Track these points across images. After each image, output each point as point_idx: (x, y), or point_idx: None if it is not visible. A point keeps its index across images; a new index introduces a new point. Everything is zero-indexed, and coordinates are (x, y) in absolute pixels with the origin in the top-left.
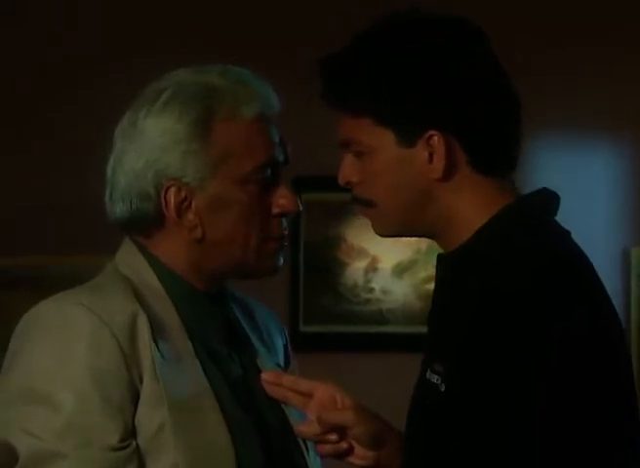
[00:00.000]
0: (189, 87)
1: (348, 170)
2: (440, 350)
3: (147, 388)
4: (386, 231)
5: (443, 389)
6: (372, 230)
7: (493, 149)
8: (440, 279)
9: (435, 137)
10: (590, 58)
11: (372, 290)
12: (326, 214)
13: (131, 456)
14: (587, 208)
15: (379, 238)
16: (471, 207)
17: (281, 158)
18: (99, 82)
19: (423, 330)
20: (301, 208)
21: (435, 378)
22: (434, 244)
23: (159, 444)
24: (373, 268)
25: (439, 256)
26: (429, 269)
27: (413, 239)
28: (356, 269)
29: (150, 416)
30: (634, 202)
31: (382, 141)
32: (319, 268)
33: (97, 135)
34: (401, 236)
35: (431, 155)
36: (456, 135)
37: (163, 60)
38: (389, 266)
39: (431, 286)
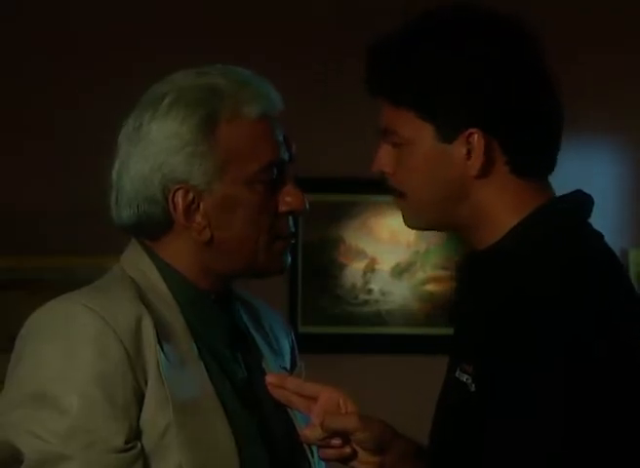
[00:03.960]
0: (192, 89)
1: (384, 159)
2: (471, 350)
3: (152, 390)
4: (416, 224)
5: (473, 389)
6: (370, 232)
7: (533, 153)
8: (469, 278)
9: (475, 135)
10: (590, 60)
11: (370, 291)
12: (324, 216)
13: (136, 458)
14: None
15: (377, 239)
16: (504, 206)
17: (286, 156)
18: (98, 83)
19: (422, 331)
20: (308, 206)
21: (465, 378)
22: (433, 245)
23: (164, 445)
24: (371, 269)
25: (468, 255)
26: (428, 270)
27: (411, 240)
28: (355, 270)
29: (155, 418)
30: (633, 203)
31: (422, 135)
32: (317, 269)
33: (97, 137)
34: (430, 229)
35: (469, 152)
36: (496, 135)
37: (163, 62)
38: (388, 268)
39: (430, 287)
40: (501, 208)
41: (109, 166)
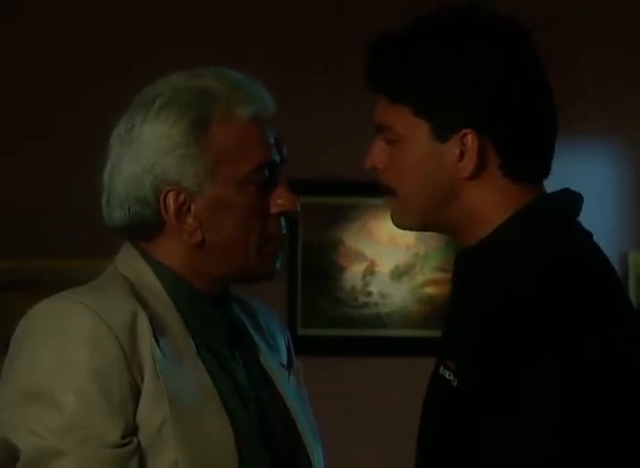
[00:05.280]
0: (184, 91)
1: (377, 155)
2: (455, 346)
3: (148, 385)
4: (405, 223)
5: (456, 384)
6: (369, 234)
7: (527, 156)
8: (456, 275)
9: (469, 136)
10: (589, 62)
11: (370, 293)
12: (324, 218)
13: (132, 453)
14: (585, 211)
15: (376, 242)
16: (494, 208)
17: (277, 158)
18: (98, 83)
19: (421, 333)
20: (299, 208)
21: (447, 374)
22: (432, 248)
23: (160, 441)
24: (371, 272)
25: (457, 253)
26: (427, 273)
27: (411, 243)
28: (354, 273)
29: (151, 413)
30: (632, 205)
31: (416, 132)
32: (317, 272)
33: (96, 138)
34: (419, 230)
35: (462, 153)
36: (491, 137)
37: (163, 62)
38: (387, 270)
39: (429, 289)
40: (491, 209)
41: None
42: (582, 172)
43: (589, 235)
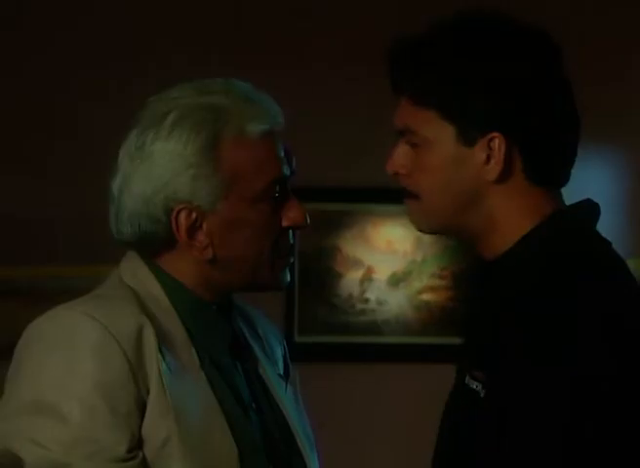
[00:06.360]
0: (194, 110)
1: (399, 159)
2: (481, 356)
3: (154, 399)
4: (427, 227)
5: (483, 395)
6: (366, 241)
7: (551, 161)
8: (481, 285)
9: (496, 140)
10: (589, 67)
11: (367, 300)
12: (321, 225)
13: (137, 467)
14: None
15: (373, 248)
16: (517, 212)
17: (288, 172)
18: (98, 85)
19: (418, 340)
20: (309, 220)
21: (475, 385)
22: (429, 255)
23: (166, 455)
24: (368, 279)
25: (480, 263)
26: (424, 280)
27: (408, 249)
28: (351, 280)
29: (157, 427)
30: (631, 213)
31: (442, 136)
32: (314, 278)
33: (96, 143)
34: (440, 233)
35: (489, 157)
36: (517, 141)
37: (163, 62)
38: (384, 277)
39: (426, 296)
40: (514, 213)
41: (109, 174)
42: (582, 180)
43: (609, 244)
